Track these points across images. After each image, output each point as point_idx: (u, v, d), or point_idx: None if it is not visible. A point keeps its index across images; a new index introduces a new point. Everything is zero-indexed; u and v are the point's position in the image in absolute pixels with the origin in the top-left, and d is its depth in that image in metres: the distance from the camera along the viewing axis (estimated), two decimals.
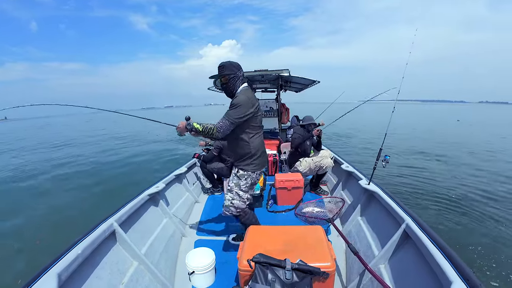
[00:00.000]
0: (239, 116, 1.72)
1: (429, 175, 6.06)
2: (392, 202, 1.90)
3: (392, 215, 1.82)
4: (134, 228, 1.96)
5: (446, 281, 1.09)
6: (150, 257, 1.83)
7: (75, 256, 1.27)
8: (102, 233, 1.55)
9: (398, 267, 1.54)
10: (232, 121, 1.72)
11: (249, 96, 1.79)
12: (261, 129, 2.00)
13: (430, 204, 4.53)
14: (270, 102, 5.76)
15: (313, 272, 1.32)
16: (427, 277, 1.26)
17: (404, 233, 1.59)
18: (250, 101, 1.75)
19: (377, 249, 1.77)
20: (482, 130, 18.19)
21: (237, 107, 1.72)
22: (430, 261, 1.26)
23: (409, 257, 1.49)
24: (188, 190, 3.34)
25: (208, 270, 1.82)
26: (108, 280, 1.44)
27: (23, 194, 6.13)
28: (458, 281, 1.05)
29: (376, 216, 2.13)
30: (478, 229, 3.67)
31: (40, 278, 1.09)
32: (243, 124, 1.79)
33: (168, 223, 2.42)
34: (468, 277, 1.06)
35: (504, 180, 5.78)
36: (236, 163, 1.96)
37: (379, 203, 2.11)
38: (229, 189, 1.97)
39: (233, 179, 1.96)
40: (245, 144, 1.86)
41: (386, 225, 1.87)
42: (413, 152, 9.30)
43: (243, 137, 1.85)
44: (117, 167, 8.32)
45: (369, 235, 2.04)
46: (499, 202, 4.55)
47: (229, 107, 1.77)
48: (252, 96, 1.84)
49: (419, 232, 1.45)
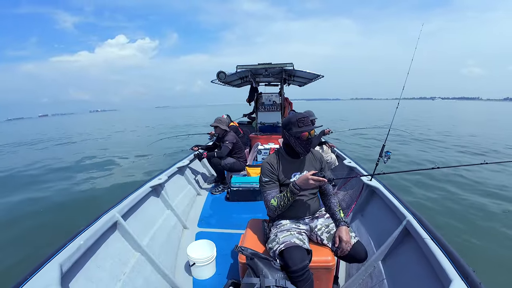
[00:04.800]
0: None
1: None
2: (393, 198, 1.89)
3: (393, 212, 1.81)
4: (136, 219, 1.98)
5: (446, 278, 1.08)
6: (151, 248, 1.85)
7: (77, 246, 1.29)
8: (104, 224, 1.57)
9: (398, 264, 1.54)
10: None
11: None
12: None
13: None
14: (273, 96, 5.72)
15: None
16: (427, 274, 1.26)
17: (405, 230, 1.58)
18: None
19: (378, 245, 1.77)
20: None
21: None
22: (430, 258, 1.26)
23: (409, 254, 1.49)
24: (190, 183, 3.36)
25: (209, 262, 1.84)
26: (110, 270, 1.46)
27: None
28: (457, 279, 1.05)
29: (377, 212, 2.12)
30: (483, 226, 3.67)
31: (42, 268, 1.11)
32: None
33: (170, 215, 2.44)
34: (468, 275, 1.05)
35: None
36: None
37: (380, 199, 2.10)
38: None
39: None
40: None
41: (387, 221, 1.87)
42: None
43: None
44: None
45: (369, 231, 2.04)
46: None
47: None
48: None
49: (420, 229, 1.44)
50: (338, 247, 1.41)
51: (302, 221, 1.60)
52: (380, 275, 1.55)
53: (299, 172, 1.57)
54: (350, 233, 1.45)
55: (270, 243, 1.48)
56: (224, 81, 4.60)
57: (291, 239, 1.40)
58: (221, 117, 3.76)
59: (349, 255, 1.41)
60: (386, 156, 2.22)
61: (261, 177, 1.57)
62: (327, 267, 1.43)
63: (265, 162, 1.57)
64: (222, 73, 3.86)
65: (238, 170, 3.58)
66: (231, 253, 2.09)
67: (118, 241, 1.69)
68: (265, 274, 1.29)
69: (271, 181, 1.54)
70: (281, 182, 1.56)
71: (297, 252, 1.32)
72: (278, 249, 1.37)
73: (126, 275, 1.52)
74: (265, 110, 5.61)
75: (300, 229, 1.53)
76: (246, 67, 4.04)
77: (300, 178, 1.41)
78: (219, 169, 3.48)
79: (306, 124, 1.47)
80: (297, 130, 1.46)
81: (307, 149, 1.51)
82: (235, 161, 3.52)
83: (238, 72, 4.17)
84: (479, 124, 19.26)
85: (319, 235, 1.53)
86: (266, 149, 4.38)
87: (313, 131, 1.49)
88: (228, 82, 5.13)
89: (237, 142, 3.55)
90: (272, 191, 1.53)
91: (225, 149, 3.39)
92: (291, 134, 1.48)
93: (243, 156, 3.69)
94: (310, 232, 1.58)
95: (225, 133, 3.52)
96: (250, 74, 4.73)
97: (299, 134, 1.45)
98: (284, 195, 1.45)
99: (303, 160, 1.61)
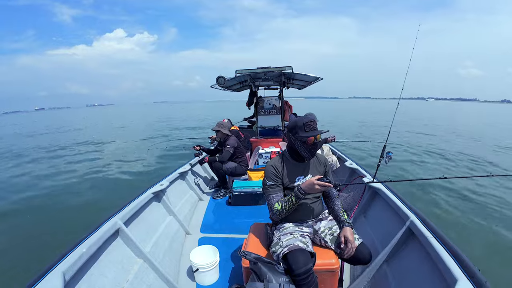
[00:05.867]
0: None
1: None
2: (396, 199, 1.88)
3: (397, 212, 1.80)
4: (138, 226, 1.98)
5: (451, 278, 1.07)
6: (154, 255, 1.84)
7: (80, 254, 1.29)
8: (106, 231, 1.56)
9: (402, 265, 1.52)
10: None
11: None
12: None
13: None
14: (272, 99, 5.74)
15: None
16: (432, 274, 1.25)
17: (409, 231, 1.57)
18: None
19: (382, 247, 1.76)
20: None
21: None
22: (435, 258, 1.25)
23: (414, 255, 1.47)
24: (192, 188, 3.35)
25: (212, 268, 1.83)
26: (113, 278, 1.46)
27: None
28: (463, 279, 1.04)
29: (380, 214, 2.11)
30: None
31: (45, 276, 1.10)
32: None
33: (172, 221, 2.44)
34: (473, 274, 1.04)
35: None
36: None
37: (383, 200, 2.09)
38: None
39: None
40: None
41: (390, 222, 1.86)
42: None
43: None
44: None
45: (373, 232, 2.02)
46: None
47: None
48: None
49: (423, 229, 1.43)
50: (343, 249, 1.40)
51: (305, 224, 1.59)
52: (385, 276, 1.54)
53: (303, 175, 1.57)
54: (354, 235, 1.44)
55: (273, 246, 1.47)
56: (224, 86, 4.62)
57: (295, 242, 1.39)
58: (223, 121, 3.76)
59: (353, 257, 1.39)
60: (387, 157, 2.22)
61: (265, 181, 1.56)
62: (331, 270, 1.42)
63: (269, 165, 1.56)
64: (221, 78, 3.88)
65: (240, 175, 3.58)
66: (235, 258, 2.08)
67: (121, 248, 1.68)
68: (269, 278, 1.28)
69: (275, 185, 1.53)
70: (285, 185, 1.55)
71: (300, 255, 1.31)
72: (281, 252, 1.36)
73: (129, 282, 1.51)
74: (265, 114, 5.63)
75: (303, 232, 1.52)
76: (245, 71, 4.06)
77: (305, 182, 1.40)
78: (220, 174, 3.46)
79: (312, 128, 1.46)
80: (304, 135, 1.44)
81: (312, 153, 1.50)
82: (237, 165, 3.51)
83: (237, 77, 4.19)
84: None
85: (322, 237, 1.52)
86: (267, 153, 4.38)
87: (319, 136, 1.48)
88: (228, 87, 5.16)
89: (239, 146, 3.55)
90: (276, 195, 1.52)
91: (226, 154, 3.39)
92: (297, 138, 1.47)
93: (245, 160, 3.69)
94: (314, 234, 1.57)
95: (226, 137, 3.52)
96: (249, 78, 4.75)
97: (306, 139, 1.44)
98: (289, 199, 1.44)
99: (308, 163, 1.60)
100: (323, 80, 4.71)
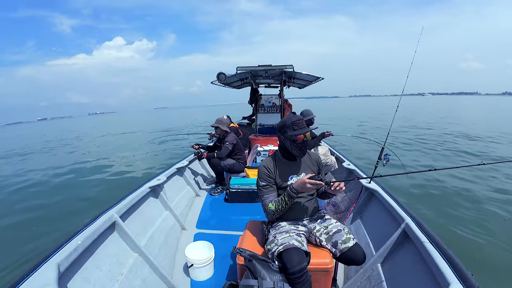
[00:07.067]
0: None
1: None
2: (392, 201, 1.89)
3: (392, 215, 1.81)
4: (134, 220, 1.98)
5: (444, 282, 1.08)
6: (149, 249, 1.84)
7: (75, 246, 1.29)
8: (102, 224, 1.56)
9: (396, 267, 1.53)
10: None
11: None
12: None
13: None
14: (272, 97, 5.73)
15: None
16: (425, 277, 1.26)
17: (404, 233, 1.58)
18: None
19: (376, 248, 1.77)
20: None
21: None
22: (428, 261, 1.26)
23: (408, 257, 1.48)
24: (189, 184, 3.35)
25: (207, 264, 1.84)
26: (108, 271, 1.46)
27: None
28: (456, 283, 1.04)
29: (376, 215, 2.12)
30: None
31: (39, 268, 1.10)
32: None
33: (168, 215, 2.44)
34: (466, 278, 1.05)
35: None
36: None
37: (379, 202, 2.10)
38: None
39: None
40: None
41: (385, 224, 1.86)
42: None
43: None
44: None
45: (368, 233, 2.03)
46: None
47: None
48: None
49: (418, 232, 1.44)
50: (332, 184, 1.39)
51: (301, 222, 1.60)
52: (379, 278, 1.55)
53: (296, 174, 1.58)
54: (349, 235, 1.45)
55: (268, 244, 1.48)
56: (224, 83, 4.60)
57: (290, 240, 1.40)
58: (222, 118, 3.75)
59: (347, 257, 1.40)
60: (385, 159, 2.22)
61: (258, 181, 1.57)
62: (325, 269, 1.42)
63: (262, 166, 1.57)
64: (222, 74, 3.87)
65: (238, 172, 3.58)
66: (230, 255, 2.08)
67: (116, 241, 1.68)
68: (263, 276, 1.28)
69: (269, 185, 1.54)
70: (279, 185, 1.56)
71: (295, 254, 1.31)
72: (276, 250, 1.37)
73: (123, 276, 1.51)
74: (265, 112, 5.62)
75: (299, 231, 1.52)
76: (246, 68, 4.04)
77: (297, 182, 1.41)
78: (218, 170, 3.46)
79: (301, 126, 1.48)
80: (292, 133, 1.46)
81: (303, 151, 1.52)
82: (235, 162, 3.51)
83: (238, 74, 4.18)
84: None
85: (317, 236, 1.53)
86: (265, 151, 4.38)
87: (309, 133, 1.50)
88: (228, 84, 5.14)
89: (237, 143, 3.55)
90: (269, 195, 1.53)
91: (225, 150, 3.38)
92: (287, 137, 1.49)
93: (243, 157, 3.68)
94: (309, 233, 1.58)
95: (225, 134, 3.51)
96: (250, 76, 4.74)
97: (295, 137, 1.46)
98: (282, 199, 1.45)
99: (300, 162, 1.61)
100: (323, 80, 4.70)
